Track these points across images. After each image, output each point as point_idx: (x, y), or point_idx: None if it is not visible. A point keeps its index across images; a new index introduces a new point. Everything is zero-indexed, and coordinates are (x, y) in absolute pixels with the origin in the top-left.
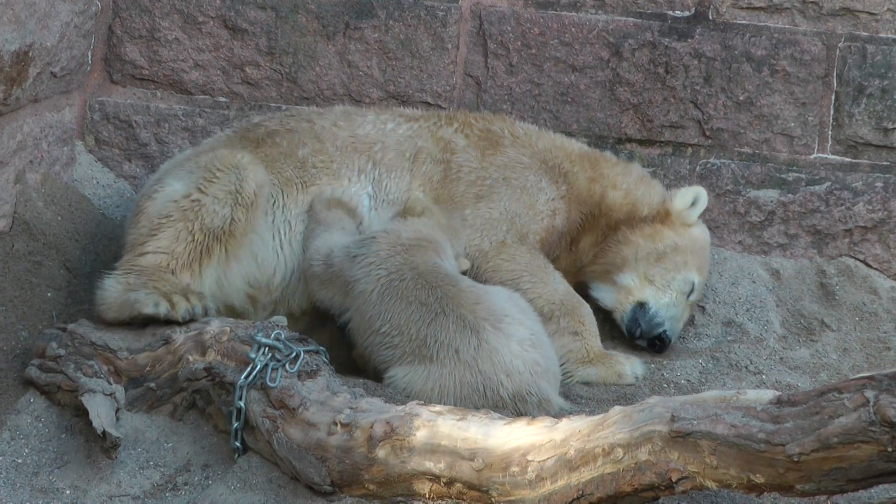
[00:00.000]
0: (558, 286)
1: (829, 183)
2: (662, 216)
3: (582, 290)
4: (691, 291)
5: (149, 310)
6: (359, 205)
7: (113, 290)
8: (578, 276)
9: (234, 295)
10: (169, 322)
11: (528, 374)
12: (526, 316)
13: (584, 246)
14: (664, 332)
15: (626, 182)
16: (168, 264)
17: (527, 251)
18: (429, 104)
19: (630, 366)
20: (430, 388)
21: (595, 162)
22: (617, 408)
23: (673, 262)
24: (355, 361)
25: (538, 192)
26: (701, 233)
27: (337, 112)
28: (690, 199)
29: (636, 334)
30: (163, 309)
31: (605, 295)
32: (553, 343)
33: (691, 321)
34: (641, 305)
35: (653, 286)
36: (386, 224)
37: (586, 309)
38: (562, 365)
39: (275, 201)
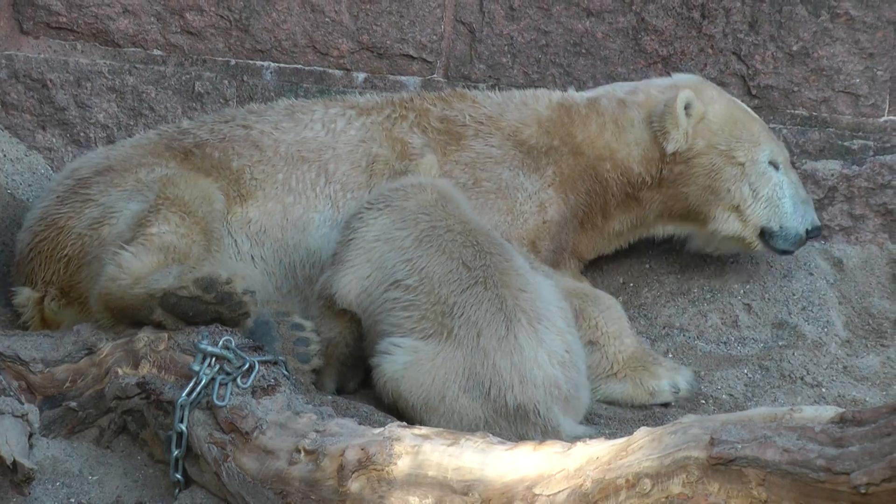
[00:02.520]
0: (560, 284)
1: None
2: (666, 158)
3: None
4: (774, 165)
5: (203, 272)
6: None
7: (142, 262)
8: (660, 220)
9: None
10: (220, 301)
11: (542, 391)
12: (569, 329)
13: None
14: (807, 232)
15: (599, 140)
16: (188, 246)
17: None
18: (411, 58)
19: (669, 378)
20: (435, 369)
21: (568, 128)
22: (643, 429)
23: (731, 175)
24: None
25: (515, 192)
26: (716, 111)
27: (279, 110)
28: (681, 115)
29: (793, 252)
30: (223, 274)
31: (723, 244)
32: None
33: (734, 322)
34: (763, 233)
35: (748, 206)
36: (392, 183)
37: (601, 304)
38: None
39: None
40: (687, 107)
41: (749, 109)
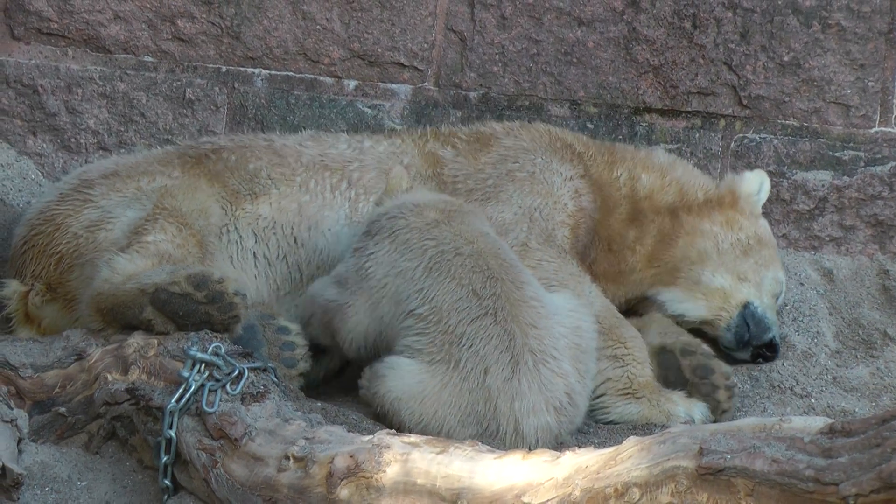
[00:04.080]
0: (594, 300)
1: (893, 163)
2: (730, 201)
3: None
4: (780, 294)
5: (196, 269)
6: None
7: (137, 264)
8: (626, 287)
9: None
10: (211, 301)
11: (533, 438)
12: (579, 362)
13: (628, 242)
14: (773, 337)
15: (657, 164)
16: (185, 253)
17: (556, 255)
18: (402, 66)
19: (685, 407)
20: (440, 402)
21: (610, 148)
22: (633, 438)
23: (761, 257)
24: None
25: (551, 175)
26: (767, 225)
27: (304, 135)
28: (757, 184)
29: (745, 340)
30: (216, 273)
31: (692, 303)
32: None
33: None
34: (746, 307)
35: (749, 284)
36: (387, 206)
37: (630, 331)
38: (598, 397)
39: (223, 216)
40: (759, 189)
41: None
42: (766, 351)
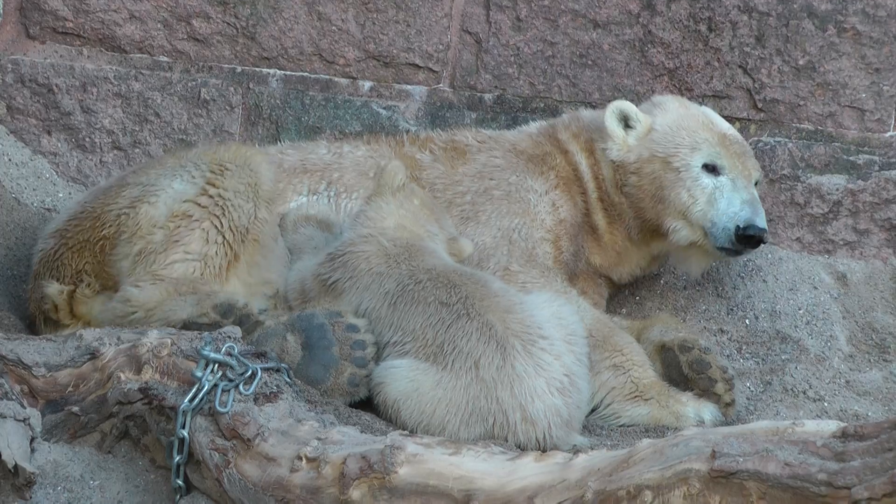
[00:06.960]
0: (584, 314)
1: None
2: (617, 165)
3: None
4: (714, 169)
5: (221, 298)
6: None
7: (150, 294)
8: (635, 259)
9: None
10: (240, 324)
11: (544, 423)
12: (569, 345)
13: (605, 226)
14: (738, 228)
15: (577, 144)
16: (202, 273)
17: (539, 275)
18: (418, 67)
19: (694, 407)
20: (437, 399)
21: (553, 134)
22: (646, 441)
23: (669, 181)
24: None
25: (526, 192)
26: (664, 121)
27: (284, 144)
28: (617, 127)
29: (734, 249)
30: (240, 300)
31: (692, 257)
32: (592, 384)
33: (738, 335)
34: (706, 233)
35: (689, 210)
36: (355, 228)
37: (624, 337)
38: (607, 406)
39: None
40: (627, 119)
41: (714, 119)
42: (748, 241)
